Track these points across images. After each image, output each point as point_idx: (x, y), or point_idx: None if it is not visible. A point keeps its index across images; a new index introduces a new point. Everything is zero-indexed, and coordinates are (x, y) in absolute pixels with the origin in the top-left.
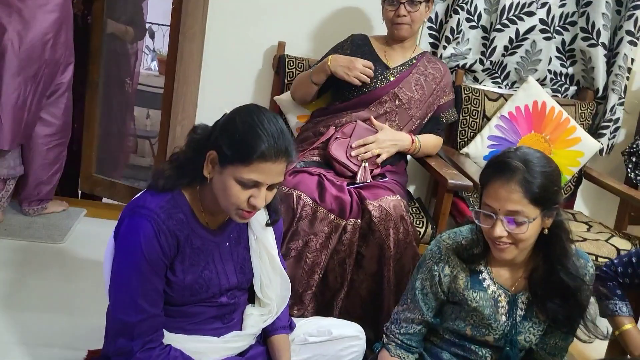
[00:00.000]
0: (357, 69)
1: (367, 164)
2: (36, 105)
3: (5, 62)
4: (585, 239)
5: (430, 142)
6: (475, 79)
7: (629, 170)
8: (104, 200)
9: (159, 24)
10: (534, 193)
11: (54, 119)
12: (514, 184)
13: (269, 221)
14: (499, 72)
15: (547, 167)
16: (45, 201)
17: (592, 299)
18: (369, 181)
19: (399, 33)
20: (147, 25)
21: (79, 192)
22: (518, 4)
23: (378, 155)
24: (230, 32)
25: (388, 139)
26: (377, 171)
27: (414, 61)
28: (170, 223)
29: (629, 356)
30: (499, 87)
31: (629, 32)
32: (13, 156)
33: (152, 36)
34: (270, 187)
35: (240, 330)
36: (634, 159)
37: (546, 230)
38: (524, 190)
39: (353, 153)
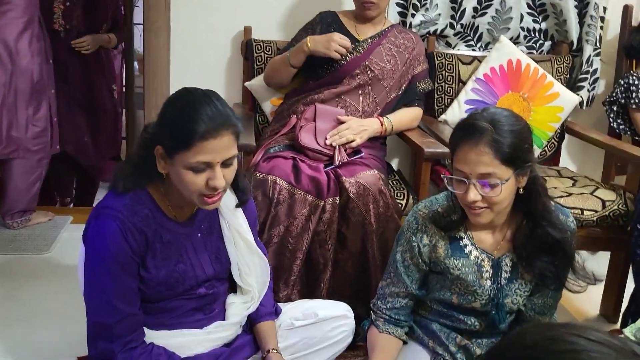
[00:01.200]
0: (335, 42)
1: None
2: (13, 115)
3: None
4: (570, 194)
5: (406, 117)
6: (448, 44)
7: (611, 120)
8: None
9: (136, 24)
10: (504, 153)
11: (29, 126)
12: (483, 146)
13: (238, 203)
14: (472, 35)
15: (515, 125)
16: (28, 212)
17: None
18: (345, 160)
19: (368, 14)
20: None
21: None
22: None
23: (351, 142)
24: (195, 21)
25: (359, 125)
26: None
27: (384, 32)
28: (135, 219)
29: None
30: (473, 50)
31: None
32: None
33: None
34: (225, 165)
35: (224, 320)
36: (615, 108)
37: (522, 190)
38: (494, 151)
39: (328, 142)
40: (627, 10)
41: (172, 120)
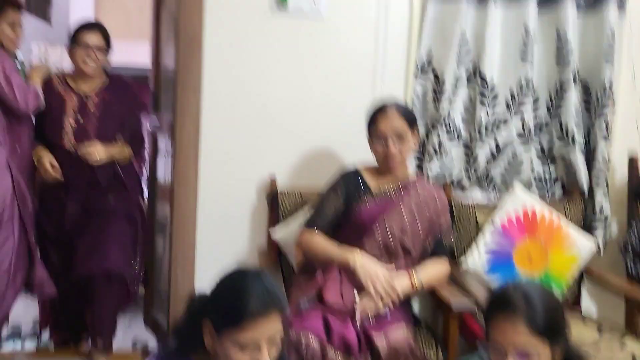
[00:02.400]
0: (377, 286)
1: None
2: None
3: None
4: (599, 348)
5: (435, 275)
6: (462, 188)
7: (629, 265)
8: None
9: None
10: (539, 328)
11: None
12: (519, 322)
13: None
14: (486, 182)
15: (549, 302)
16: None
17: None
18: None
19: (391, 166)
20: None
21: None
22: (493, 114)
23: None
24: (221, 171)
25: (388, 285)
26: None
27: (406, 188)
28: None
29: None
30: (487, 195)
31: (600, 129)
32: None
33: None
34: (271, 343)
35: None
36: (631, 254)
37: None
38: (529, 327)
39: (357, 308)
40: (632, 163)
41: (223, 297)
